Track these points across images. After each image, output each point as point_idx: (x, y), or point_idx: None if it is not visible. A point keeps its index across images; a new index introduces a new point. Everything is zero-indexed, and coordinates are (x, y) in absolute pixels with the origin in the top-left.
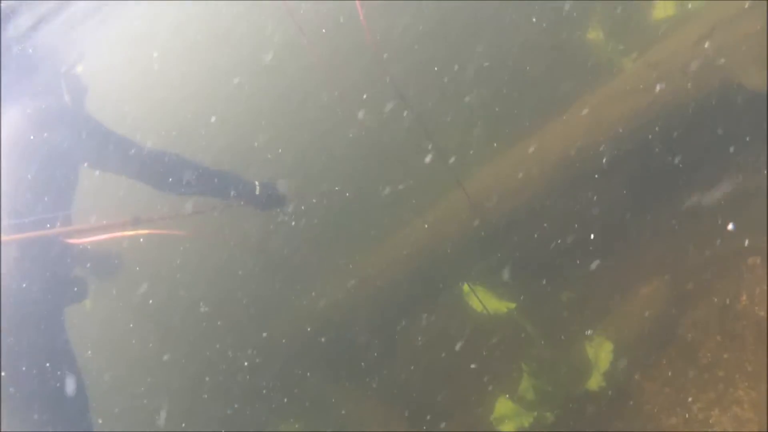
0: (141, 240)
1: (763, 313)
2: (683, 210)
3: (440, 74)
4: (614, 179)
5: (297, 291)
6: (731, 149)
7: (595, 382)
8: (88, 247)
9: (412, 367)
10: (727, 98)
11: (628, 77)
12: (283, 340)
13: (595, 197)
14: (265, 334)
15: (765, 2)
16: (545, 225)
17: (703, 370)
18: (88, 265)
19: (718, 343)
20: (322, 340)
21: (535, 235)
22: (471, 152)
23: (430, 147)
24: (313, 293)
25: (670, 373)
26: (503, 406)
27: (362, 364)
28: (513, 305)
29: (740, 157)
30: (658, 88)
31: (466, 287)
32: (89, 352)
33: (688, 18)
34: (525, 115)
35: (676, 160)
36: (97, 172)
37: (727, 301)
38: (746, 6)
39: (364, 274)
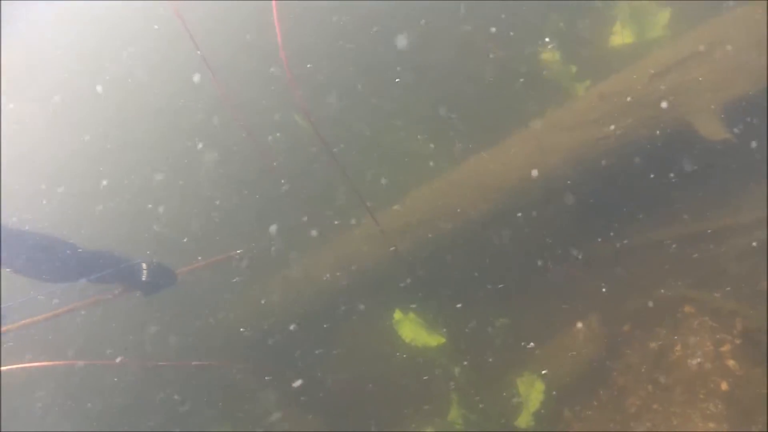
0: None
1: (695, 367)
2: (623, 249)
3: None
4: (555, 210)
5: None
6: (679, 192)
7: (524, 421)
8: None
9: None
10: (678, 142)
11: (578, 107)
12: None
13: (533, 228)
14: None
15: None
16: (481, 255)
17: (631, 418)
18: None
19: (648, 392)
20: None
21: (471, 265)
22: (403, 175)
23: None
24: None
25: (599, 418)
26: None
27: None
28: (443, 340)
29: (687, 201)
30: (607, 122)
31: (397, 314)
32: None
33: (646, 49)
34: (463, 138)
35: (621, 198)
36: None
37: (661, 349)
38: (702, 48)
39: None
